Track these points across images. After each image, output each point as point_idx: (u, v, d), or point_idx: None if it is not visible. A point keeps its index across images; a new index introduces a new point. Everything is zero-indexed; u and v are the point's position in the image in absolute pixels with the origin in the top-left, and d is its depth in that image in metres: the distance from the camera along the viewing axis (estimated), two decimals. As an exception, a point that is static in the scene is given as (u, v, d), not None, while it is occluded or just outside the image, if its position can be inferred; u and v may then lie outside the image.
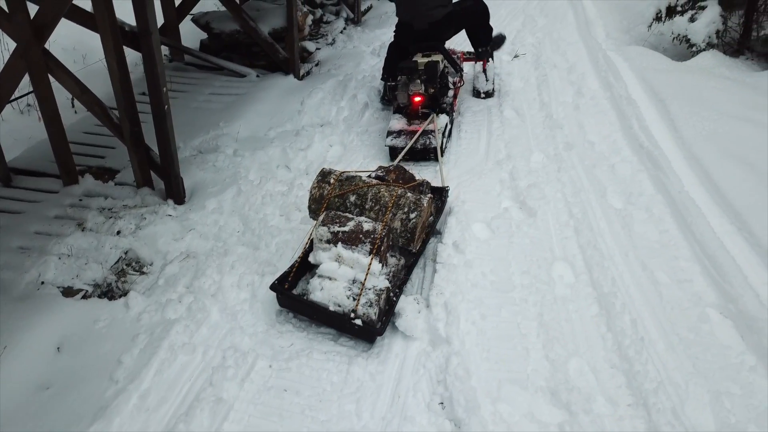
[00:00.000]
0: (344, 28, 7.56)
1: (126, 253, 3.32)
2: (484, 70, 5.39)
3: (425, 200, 3.12)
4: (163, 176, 3.77)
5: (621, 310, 2.82)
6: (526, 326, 2.78)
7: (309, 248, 3.08)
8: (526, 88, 5.53)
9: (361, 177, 3.31)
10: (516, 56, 6.32)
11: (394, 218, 3.05)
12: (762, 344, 2.58)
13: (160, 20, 4.81)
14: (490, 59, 5.42)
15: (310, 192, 3.25)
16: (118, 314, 2.91)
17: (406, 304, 2.83)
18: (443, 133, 4.39)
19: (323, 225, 2.94)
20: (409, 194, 3.14)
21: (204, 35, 6.17)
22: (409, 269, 3.15)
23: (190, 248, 3.41)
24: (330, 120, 4.99)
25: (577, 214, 3.59)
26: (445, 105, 4.58)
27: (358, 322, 2.68)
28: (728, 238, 3.25)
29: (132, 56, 5.04)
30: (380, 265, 2.87)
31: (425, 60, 4.44)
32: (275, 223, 3.64)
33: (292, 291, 2.95)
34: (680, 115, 4.54)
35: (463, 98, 5.39)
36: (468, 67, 5.65)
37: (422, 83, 4.34)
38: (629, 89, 5.14)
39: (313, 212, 3.26)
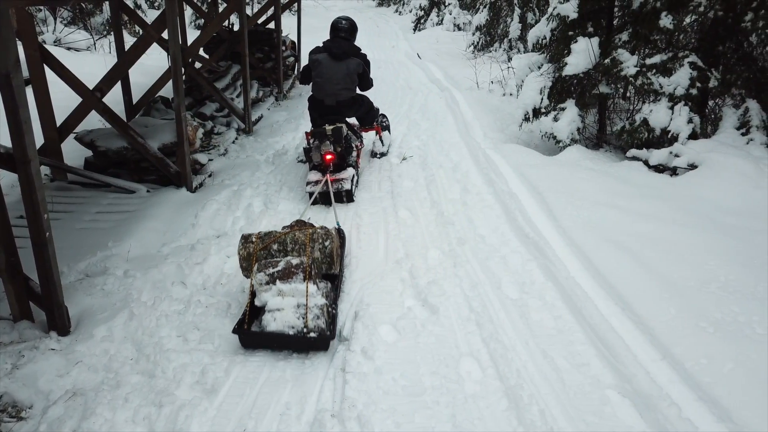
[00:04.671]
0: (236, 138, 7.65)
1: (0, 398, 2.97)
2: (380, 138, 6.90)
3: (333, 230, 4.02)
4: (44, 307, 3.48)
5: (529, 402, 2.89)
6: (441, 430, 2.76)
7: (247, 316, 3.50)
8: (416, 188, 5.82)
9: (276, 231, 3.97)
10: (404, 159, 6.68)
11: (314, 250, 3.79)
12: (658, 421, 2.73)
13: (39, 140, 4.63)
14: (384, 128, 6.97)
15: (239, 254, 3.81)
16: (-11, 473, 2.56)
17: (318, 421, 2.74)
18: (351, 182, 5.56)
19: (259, 272, 3.54)
20: (319, 229, 3.93)
21: (89, 152, 5.99)
22: (337, 288, 3.85)
23: (76, 384, 3.12)
24: (226, 231, 4.93)
25: (477, 308, 3.71)
26: (351, 161, 5.83)
27: (313, 334, 3.26)
28: (615, 319, 3.48)
29: (8, 177, 4.77)
30: (315, 287, 3.50)
31: (332, 126, 5.56)
32: (172, 346, 3.44)
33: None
34: (557, 206, 4.94)
35: (360, 199, 5.59)
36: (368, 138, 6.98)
37: (331, 144, 5.49)
38: (510, 184, 5.55)
39: (246, 270, 3.81)
